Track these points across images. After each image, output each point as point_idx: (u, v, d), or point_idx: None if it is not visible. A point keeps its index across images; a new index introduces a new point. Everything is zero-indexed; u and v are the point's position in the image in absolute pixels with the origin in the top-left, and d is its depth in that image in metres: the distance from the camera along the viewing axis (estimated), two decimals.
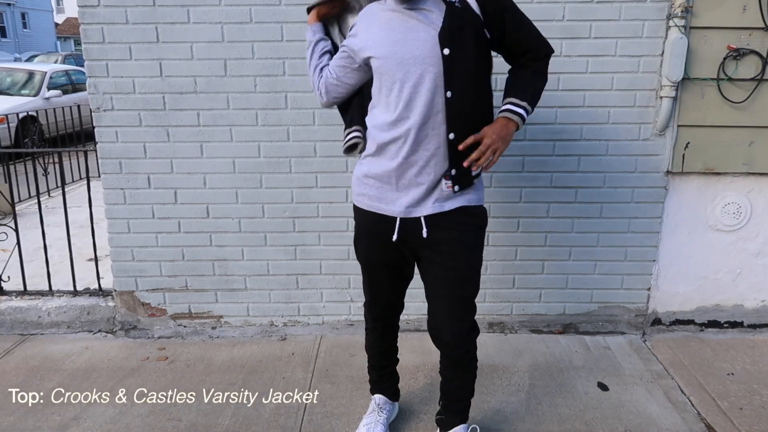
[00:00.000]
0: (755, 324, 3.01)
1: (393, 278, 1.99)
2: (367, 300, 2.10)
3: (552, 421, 2.31)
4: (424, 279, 1.90)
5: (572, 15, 2.62)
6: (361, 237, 1.95)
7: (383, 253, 1.91)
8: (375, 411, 2.21)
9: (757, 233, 2.89)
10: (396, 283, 2.01)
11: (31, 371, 2.68)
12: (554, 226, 2.89)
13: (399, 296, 2.07)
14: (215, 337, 3.00)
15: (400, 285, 2.03)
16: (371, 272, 1.99)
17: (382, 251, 1.90)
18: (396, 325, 2.15)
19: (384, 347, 2.17)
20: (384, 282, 2.00)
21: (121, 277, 2.95)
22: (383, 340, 2.15)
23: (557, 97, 2.72)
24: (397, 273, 1.98)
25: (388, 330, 2.13)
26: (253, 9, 2.62)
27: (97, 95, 2.72)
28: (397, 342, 2.20)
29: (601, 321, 3.01)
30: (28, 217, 4.66)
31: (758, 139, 2.74)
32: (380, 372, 2.22)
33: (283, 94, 2.72)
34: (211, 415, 2.35)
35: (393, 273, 1.97)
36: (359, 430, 2.16)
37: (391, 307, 2.07)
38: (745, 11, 2.59)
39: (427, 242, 1.80)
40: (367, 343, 2.19)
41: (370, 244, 1.92)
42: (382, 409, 2.21)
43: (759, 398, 2.45)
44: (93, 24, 2.64)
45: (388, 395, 2.25)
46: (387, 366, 2.21)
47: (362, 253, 1.97)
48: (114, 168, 2.81)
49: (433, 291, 1.88)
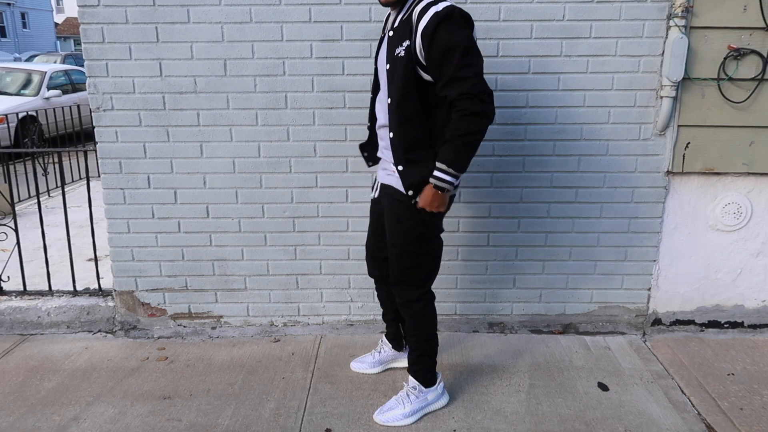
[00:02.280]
0: (756, 324, 3.01)
1: (374, 232, 2.38)
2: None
3: (552, 421, 2.30)
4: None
5: (572, 15, 2.62)
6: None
7: (372, 209, 2.39)
8: (375, 349, 2.68)
9: (758, 233, 2.89)
10: (376, 237, 2.37)
11: (31, 371, 2.68)
12: (554, 226, 2.89)
13: (380, 249, 2.39)
14: (215, 337, 3.00)
15: (380, 239, 2.36)
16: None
17: (372, 208, 2.39)
18: (385, 278, 2.45)
19: (379, 294, 2.56)
20: (370, 235, 2.42)
21: (121, 277, 2.95)
22: (378, 289, 2.55)
23: (557, 97, 2.72)
24: (377, 228, 2.36)
25: (379, 281, 2.50)
26: (253, 9, 2.62)
27: (96, 95, 2.72)
28: (390, 295, 2.49)
29: (601, 321, 3.01)
30: (27, 217, 4.66)
31: (759, 139, 2.74)
32: (383, 317, 2.61)
33: (283, 94, 2.72)
34: (210, 415, 2.35)
35: (374, 227, 2.38)
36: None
37: (373, 259, 2.43)
38: (745, 11, 2.59)
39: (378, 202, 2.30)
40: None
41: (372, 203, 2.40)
42: (379, 350, 2.66)
43: (759, 398, 2.45)
44: (93, 24, 2.63)
45: (389, 339, 2.64)
46: (385, 313, 2.59)
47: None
48: (114, 168, 2.81)
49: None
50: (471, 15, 2.54)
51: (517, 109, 2.73)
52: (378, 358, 2.64)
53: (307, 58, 2.67)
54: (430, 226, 2.13)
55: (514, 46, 2.65)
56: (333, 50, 2.67)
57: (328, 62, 2.68)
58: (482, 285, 2.96)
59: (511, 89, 2.70)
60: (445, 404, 2.37)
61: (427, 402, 2.33)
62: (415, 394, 2.31)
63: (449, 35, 1.85)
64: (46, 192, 5.49)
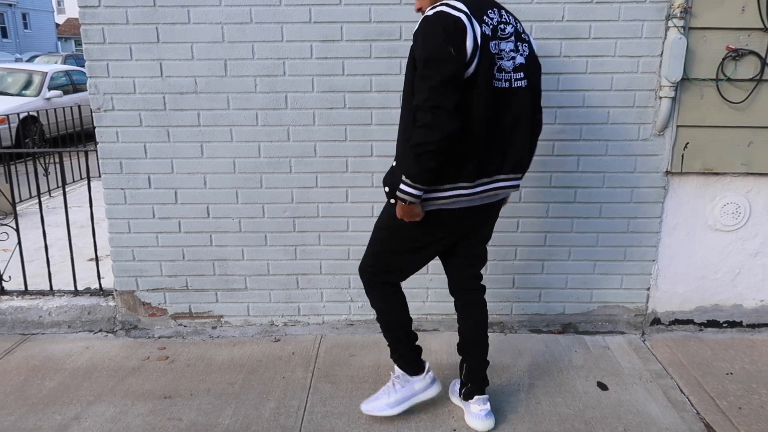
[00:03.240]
0: (754, 324, 3.01)
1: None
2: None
3: (552, 420, 2.30)
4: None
5: (572, 15, 2.62)
6: None
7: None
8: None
9: (756, 233, 2.89)
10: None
11: (32, 371, 2.68)
12: (554, 226, 2.89)
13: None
14: (215, 336, 3.00)
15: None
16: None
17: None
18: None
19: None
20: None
21: (122, 277, 2.95)
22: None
23: (557, 98, 2.72)
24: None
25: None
26: (253, 9, 2.62)
27: (97, 95, 2.72)
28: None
29: (601, 321, 3.01)
30: (29, 217, 4.66)
31: (757, 139, 2.74)
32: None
33: (284, 94, 2.72)
34: (211, 414, 2.35)
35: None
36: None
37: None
38: (744, 12, 2.59)
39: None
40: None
41: None
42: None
43: (758, 397, 2.45)
44: (94, 24, 2.64)
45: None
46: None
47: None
48: (114, 168, 2.81)
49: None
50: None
51: None
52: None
53: (307, 59, 2.67)
54: (400, 228, 2.05)
55: None
56: (333, 51, 2.67)
57: (328, 63, 2.68)
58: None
59: None
60: (435, 394, 2.33)
61: (414, 392, 2.29)
62: (401, 383, 2.29)
63: (420, 43, 1.82)
64: (47, 192, 5.50)
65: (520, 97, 1.97)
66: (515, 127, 1.98)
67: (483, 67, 1.84)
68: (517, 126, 1.99)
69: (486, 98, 1.87)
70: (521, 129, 2.00)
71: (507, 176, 2.04)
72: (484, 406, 2.25)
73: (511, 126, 1.98)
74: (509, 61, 1.93)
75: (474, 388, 2.27)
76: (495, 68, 1.89)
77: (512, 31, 1.95)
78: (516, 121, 1.98)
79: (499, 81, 1.91)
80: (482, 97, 1.86)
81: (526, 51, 1.98)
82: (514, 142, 2.00)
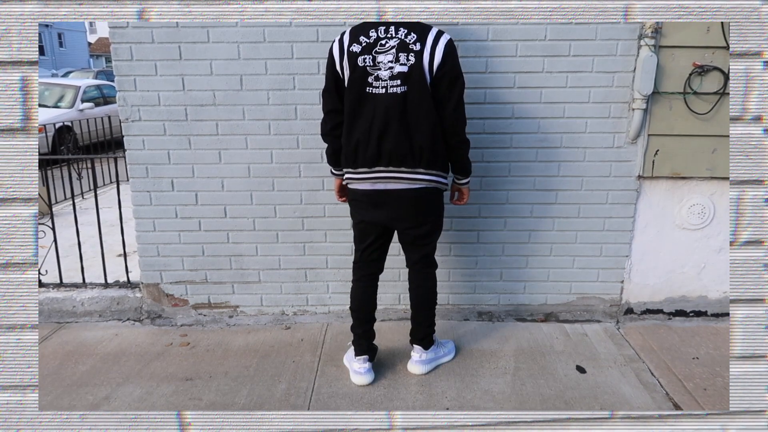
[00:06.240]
0: (718, 313, 3.00)
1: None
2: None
3: (535, 400, 2.30)
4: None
5: (553, 35, 2.62)
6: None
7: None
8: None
9: (720, 231, 2.89)
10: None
11: (67, 355, 2.68)
12: (537, 225, 2.89)
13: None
14: (232, 324, 3.00)
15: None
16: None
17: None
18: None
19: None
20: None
21: (148, 271, 2.95)
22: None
23: (540, 109, 2.72)
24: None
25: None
26: (266, 30, 2.62)
27: (126, 107, 2.72)
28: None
29: (579, 310, 3.01)
30: (63, 217, 4.66)
31: (720, 147, 2.74)
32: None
33: (293, 106, 2.72)
34: (228, 394, 2.35)
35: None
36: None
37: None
38: (708, 32, 2.59)
39: None
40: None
41: None
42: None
43: (721, 380, 2.45)
44: (122, 43, 2.64)
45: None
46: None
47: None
48: (141, 173, 2.81)
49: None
50: (460, 35, 2.55)
51: (504, 120, 2.73)
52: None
53: (315, 74, 2.67)
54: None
55: (501, 63, 2.65)
56: None
57: None
58: (472, 278, 2.96)
59: (498, 102, 2.70)
60: (370, 381, 2.40)
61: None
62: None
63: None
64: (80, 194, 5.49)
65: (395, 101, 2.03)
66: (388, 126, 2.05)
67: (355, 77, 2.04)
68: (390, 125, 2.05)
69: (353, 101, 2.07)
70: (395, 128, 2.05)
71: (386, 168, 2.11)
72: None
73: (383, 125, 2.05)
74: (386, 71, 2.01)
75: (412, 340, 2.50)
76: (371, 77, 2.03)
77: (395, 44, 2.01)
78: (390, 120, 2.05)
79: (376, 87, 2.04)
80: (351, 100, 2.07)
81: (412, 60, 2.00)
82: (387, 139, 2.06)
